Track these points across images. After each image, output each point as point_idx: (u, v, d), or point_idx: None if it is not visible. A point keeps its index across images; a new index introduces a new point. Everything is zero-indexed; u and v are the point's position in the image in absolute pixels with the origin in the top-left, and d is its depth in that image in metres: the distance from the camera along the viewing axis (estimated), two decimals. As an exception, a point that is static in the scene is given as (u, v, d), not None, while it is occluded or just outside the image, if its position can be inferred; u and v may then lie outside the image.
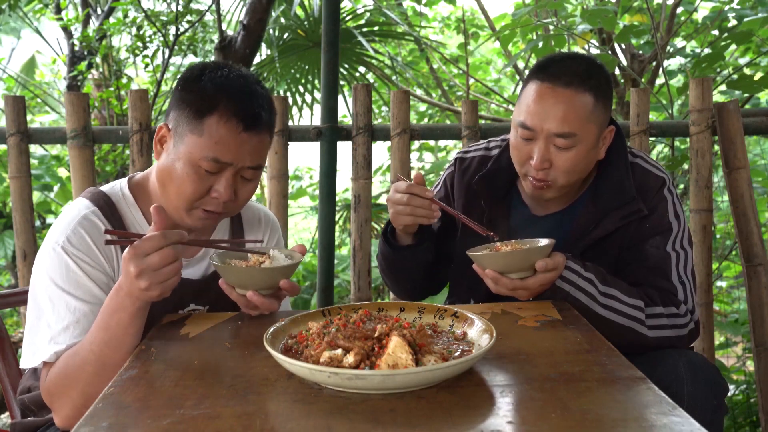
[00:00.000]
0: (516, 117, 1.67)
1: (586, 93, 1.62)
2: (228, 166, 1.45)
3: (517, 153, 1.68)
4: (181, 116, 1.46)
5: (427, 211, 1.60)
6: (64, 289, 1.42)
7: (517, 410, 0.99)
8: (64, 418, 1.40)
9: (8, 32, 7.59)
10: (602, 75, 1.67)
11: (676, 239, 1.70)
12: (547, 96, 1.62)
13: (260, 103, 1.47)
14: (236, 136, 1.43)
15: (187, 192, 1.45)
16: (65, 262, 1.42)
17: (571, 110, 1.60)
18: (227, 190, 1.45)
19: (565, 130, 1.60)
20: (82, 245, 1.44)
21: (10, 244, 3.74)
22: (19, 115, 2.53)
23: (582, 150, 1.63)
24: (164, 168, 1.48)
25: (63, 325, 1.40)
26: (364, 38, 3.93)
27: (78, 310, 1.41)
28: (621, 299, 1.58)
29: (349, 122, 2.99)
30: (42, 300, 1.44)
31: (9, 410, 1.72)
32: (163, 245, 1.25)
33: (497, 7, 16.53)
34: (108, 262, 1.48)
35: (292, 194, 4.85)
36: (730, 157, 2.70)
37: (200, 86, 1.46)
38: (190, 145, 1.43)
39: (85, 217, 1.47)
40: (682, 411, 0.96)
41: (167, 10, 3.78)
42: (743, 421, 3.09)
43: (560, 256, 1.54)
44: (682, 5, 3.74)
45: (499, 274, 1.51)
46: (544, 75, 1.63)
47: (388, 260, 1.82)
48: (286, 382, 1.11)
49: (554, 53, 1.97)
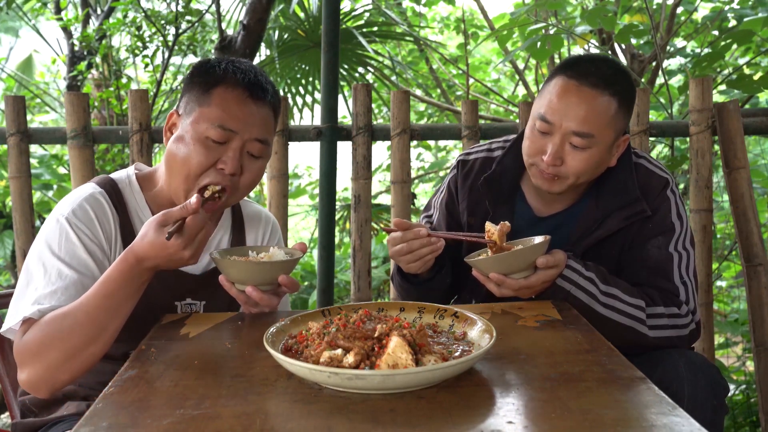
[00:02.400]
0: (537, 109, 1.66)
1: (611, 97, 1.61)
2: (234, 135, 1.48)
3: (531, 144, 1.67)
4: (190, 96, 1.53)
5: (431, 247, 1.59)
6: (59, 256, 1.44)
7: (517, 410, 0.99)
8: (32, 379, 1.36)
9: (7, 31, 7.60)
10: (628, 82, 1.66)
11: (679, 240, 1.69)
12: (572, 93, 1.61)
13: (266, 79, 1.56)
14: (242, 104, 1.49)
15: (193, 163, 1.48)
16: (66, 231, 1.46)
17: (593, 111, 1.60)
18: (233, 161, 1.48)
19: (584, 130, 1.60)
20: (85, 218, 1.48)
21: (9, 244, 3.74)
22: (19, 115, 2.53)
23: (596, 153, 1.63)
24: (172, 147, 1.52)
25: (51, 288, 1.41)
26: (363, 38, 3.93)
27: (68, 278, 1.42)
28: (622, 299, 1.58)
29: (349, 122, 3.00)
30: (34, 266, 1.45)
31: (9, 410, 1.72)
32: (205, 223, 1.35)
33: (497, 7, 16.54)
34: (107, 240, 1.51)
35: (291, 193, 4.84)
36: (730, 157, 2.70)
37: (209, 67, 1.54)
38: (197, 118, 1.49)
39: (92, 195, 1.52)
40: (682, 411, 0.96)
41: (167, 10, 3.78)
42: (743, 421, 3.09)
43: (561, 253, 1.54)
44: (682, 5, 3.74)
45: (503, 276, 1.51)
46: (572, 72, 1.62)
47: (407, 291, 1.80)
48: (286, 382, 1.11)
49: (583, 54, 1.97)
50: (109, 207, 1.52)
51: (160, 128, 2.64)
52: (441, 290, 1.80)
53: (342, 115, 3.30)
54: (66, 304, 1.38)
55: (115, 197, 1.55)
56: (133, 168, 1.64)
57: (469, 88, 4.66)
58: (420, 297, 1.81)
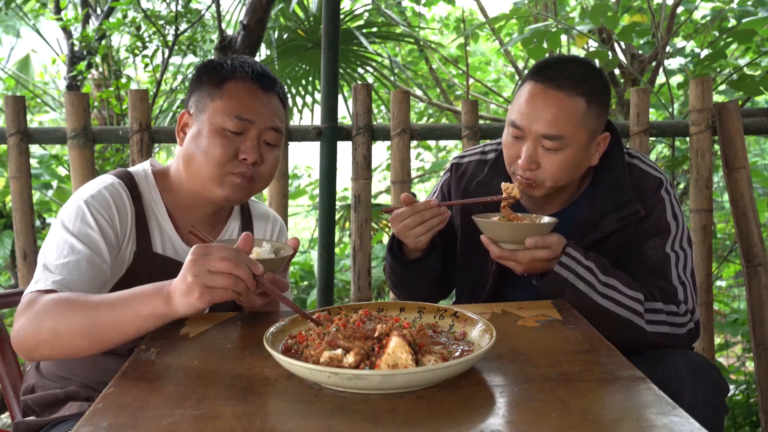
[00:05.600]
0: (509, 116, 1.69)
1: (579, 97, 1.62)
2: (251, 125, 1.54)
3: (508, 152, 1.70)
4: (200, 94, 1.58)
5: (440, 216, 1.62)
6: (73, 233, 1.46)
7: (517, 410, 0.99)
8: (19, 333, 1.32)
9: (8, 31, 7.60)
10: (598, 80, 1.66)
11: (675, 240, 1.69)
12: (539, 97, 1.63)
13: (272, 74, 1.63)
14: (254, 95, 1.56)
15: (216, 156, 1.52)
16: (83, 212, 1.48)
17: (561, 113, 1.61)
18: (253, 150, 1.53)
19: (553, 132, 1.61)
20: (103, 203, 1.51)
21: (9, 244, 3.74)
22: (19, 115, 2.53)
23: (569, 154, 1.63)
24: (189, 145, 1.56)
25: (62, 261, 1.41)
26: (363, 38, 3.93)
27: (80, 253, 1.43)
28: (621, 290, 1.58)
29: (349, 122, 2.99)
30: (48, 246, 1.46)
31: (9, 410, 1.72)
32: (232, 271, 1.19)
33: (497, 7, 16.54)
34: (122, 229, 1.53)
35: (291, 194, 4.85)
36: (730, 157, 2.70)
37: (216, 65, 1.60)
38: (212, 112, 1.54)
39: (112, 184, 1.56)
40: (682, 411, 0.96)
41: (167, 10, 3.78)
42: (743, 421, 3.09)
43: (557, 237, 1.55)
44: (682, 5, 3.74)
45: (490, 241, 1.56)
46: (539, 76, 1.65)
47: (399, 275, 1.82)
48: (286, 382, 1.10)
49: (554, 56, 1.97)
50: (128, 198, 1.56)
51: (159, 128, 2.64)
52: (431, 277, 1.80)
53: (342, 115, 3.30)
54: (75, 278, 1.38)
55: (132, 190, 1.58)
56: (149, 163, 1.67)
57: (469, 88, 4.66)
58: (409, 282, 1.82)
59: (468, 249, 1.82)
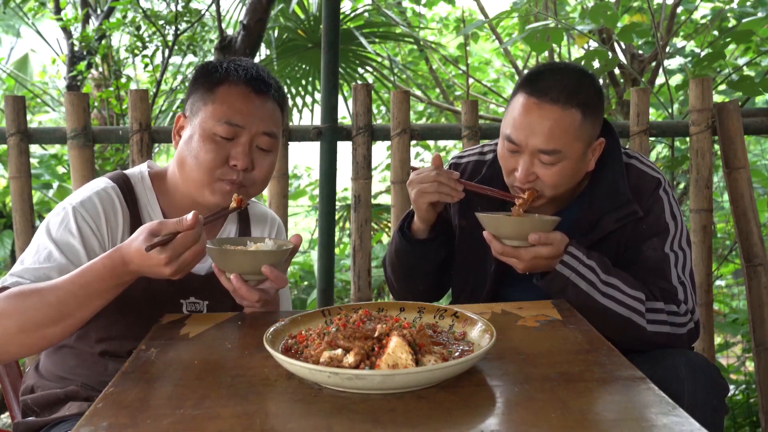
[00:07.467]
0: (503, 129, 1.67)
1: (574, 109, 1.59)
2: (242, 130, 1.52)
3: (504, 164, 1.69)
4: (195, 97, 1.57)
5: (452, 188, 1.64)
6: (54, 240, 1.46)
7: (517, 410, 0.99)
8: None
9: (6, 31, 7.60)
10: (592, 89, 1.64)
11: (674, 240, 1.69)
12: (533, 111, 1.60)
13: (268, 75, 1.60)
14: (246, 99, 1.54)
15: (206, 162, 1.51)
16: (68, 220, 1.48)
17: (557, 127, 1.59)
18: (244, 157, 1.52)
19: (550, 147, 1.59)
20: (92, 210, 1.50)
21: (9, 244, 3.74)
22: (19, 115, 2.53)
23: (567, 165, 1.63)
24: (182, 149, 1.55)
25: (36, 266, 1.42)
26: (363, 39, 3.93)
27: (56, 262, 1.43)
28: (622, 289, 1.58)
29: (349, 122, 2.99)
30: (30, 247, 1.47)
31: (9, 410, 1.72)
32: (195, 241, 1.31)
33: (496, 7, 16.54)
34: (111, 236, 1.52)
35: (291, 194, 4.85)
36: (730, 157, 2.70)
37: (211, 68, 1.58)
38: (204, 116, 1.53)
39: (104, 189, 1.55)
40: (682, 411, 0.96)
41: (167, 10, 3.78)
42: (743, 421, 3.09)
43: (560, 235, 1.55)
44: (682, 5, 3.74)
45: (493, 237, 1.56)
46: (532, 89, 1.61)
47: (402, 256, 1.82)
48: (286, 382, 1.10)
49: (545, 64, 1.96)
50: (120, 202, 1.55)
51: (159, 128, 2.64)
52: (433, 263, 1.82)
53: (342, 115, 3.30)
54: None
55: (128, 193, 1.58)
56: (146, 165, 1.67)
57: (469, 88, 4.66)
58: (411, 267, 1.83)
59: (466, 249, 1.82)
